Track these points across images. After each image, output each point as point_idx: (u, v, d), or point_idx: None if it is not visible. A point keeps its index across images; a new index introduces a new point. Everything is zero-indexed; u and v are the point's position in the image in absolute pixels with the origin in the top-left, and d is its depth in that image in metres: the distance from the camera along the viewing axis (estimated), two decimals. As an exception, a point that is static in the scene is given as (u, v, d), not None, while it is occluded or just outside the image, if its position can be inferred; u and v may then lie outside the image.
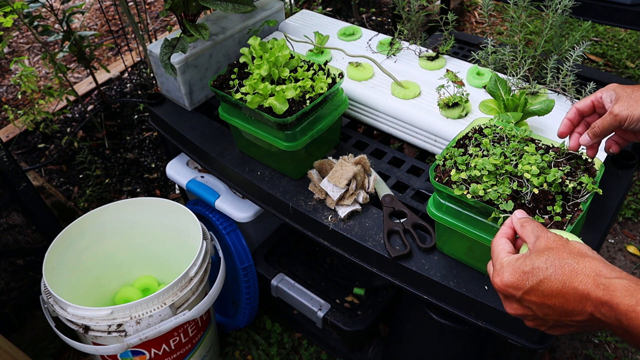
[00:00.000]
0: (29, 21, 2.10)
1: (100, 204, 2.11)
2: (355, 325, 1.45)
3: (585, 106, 0.89)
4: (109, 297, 1.60)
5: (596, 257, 0.62)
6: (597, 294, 0.59)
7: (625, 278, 0.58)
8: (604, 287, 0.58)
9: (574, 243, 0.65)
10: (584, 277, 0.60)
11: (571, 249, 0.64)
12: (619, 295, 0.57)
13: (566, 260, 0.62)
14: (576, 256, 0.62)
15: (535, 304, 0.64)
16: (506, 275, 0.66)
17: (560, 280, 0.61)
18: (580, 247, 0.64)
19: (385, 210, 1.11)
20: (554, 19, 1.17)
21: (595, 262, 0.61)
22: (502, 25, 3.23)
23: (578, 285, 0.60)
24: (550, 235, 0.67)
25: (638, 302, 0.55)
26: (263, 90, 1.08)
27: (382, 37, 1.48)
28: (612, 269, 0.60)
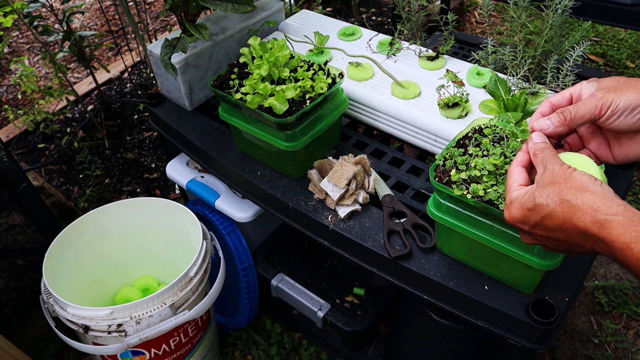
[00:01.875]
0: (29, 21, 2.10)
1: (100, 204, 2.12)
2: (355, 325, 1.45)
3: (563, 99, 0.77)
4: (109, 297, 1.60)
5: (596, 190, 0.62)
6: (594, 231, 0.59)
7: (621, 214, 0.58)
8: (600, 225, 0.59)
9: (576, 175, 0.64)
10: (582, 213, 0.61)
11: (572, 182, 0.63)
12: (614, 233, 0.58)
13: (566, 196, 0.63)
14: (576, 191, 0.62)
15: (542, 236, 0.67)
16: (513, 210, 0.69)
17: (561, 217, 0.63)
18: (581, 180, 0.63)
19: (385, 210, 1.11)
20: (554, 19, 1.17)
21: (593, 197, 0.61)
22: (502, 25, 3.23)
23: (577, 221, 0.61)
24: (556, 168, 0.66)
25: (632, 239, 0.56)
26: (263, 90, 1.08)
27: (382, 37, 1.48)
28: (610, 204, 0.60)
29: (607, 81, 0.73)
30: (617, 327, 1.80)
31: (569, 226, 0.62)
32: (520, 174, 0.73)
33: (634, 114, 0.70)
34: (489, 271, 0.98)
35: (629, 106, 0.69)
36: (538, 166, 0.70)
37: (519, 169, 0.73)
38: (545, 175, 0.67)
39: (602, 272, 1.96)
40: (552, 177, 0.66)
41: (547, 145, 0.72)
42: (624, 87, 0.70)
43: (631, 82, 0.70)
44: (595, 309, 1.86)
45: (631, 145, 0.75)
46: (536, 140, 0.73)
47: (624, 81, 0.71)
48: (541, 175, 0.68)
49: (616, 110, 0.70)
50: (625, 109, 0.70)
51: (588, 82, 0.75)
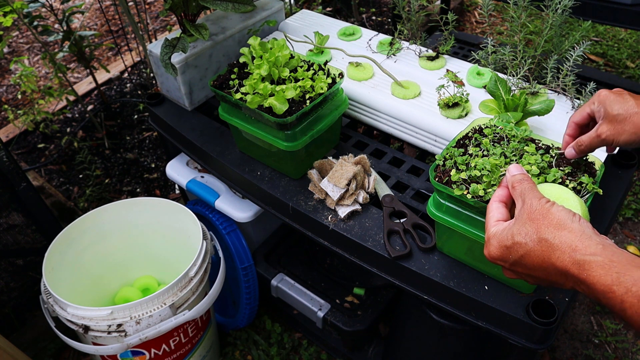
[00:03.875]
0: (29, 21, 2.10)
1: (100, 204, 2.11)
2: (355, 325, 1.45)
3: (583, 118, 0.86)
4: (109, 297, 1.60)
5: (574, 228, 0.61)
6: (573, 272, 0.59)
7: (599, 254, 0.58)
8: (579, 265, 0.58)
9: (554, 211, 0.64)
10: (560, 253, 0.60)
11: (550, 219, 0.63)
12: (594, 275, 0.57)
13: (544, 235, 0.62)
14: (554, 229, 0.62)
15: (523, 273, 0.67)
16: (492, 248, 0.69)
17: (539, 256, 0.62)
18: (559, 217, 0.63)
19: (385, 210, 1.11)
20: (554, 18, 1.17)
21: (571, 236, 0.60)
22: (502, 25, 3.23)
23: (555, 261, 0.61)
24: (534, 203, 0.66)
25: (613, 281, 0.56)
26: (263, 90, 1.08)
27: (382, 37, 1.48)
28: (588, 243, 0.59)
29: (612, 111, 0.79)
30: (617, 327, 1.80)
31: (547, 265, 0.62)
32: (497, 209, 0.72)
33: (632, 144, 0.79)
34: (489, 271, 0.98)
35: (626, 142, 0.79)
36: (517, 199, 0.69)
37: (496, 204, 0.73)
38: (523, 211, 0.66)
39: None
40: (530, 213, 0.65)
41: (525, 177, 0.72)
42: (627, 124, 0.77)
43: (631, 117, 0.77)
44: (596, 309, 1.86)
45: None
46: (514, 172, 0.73)
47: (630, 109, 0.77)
48: (520, 210, 0.67)
49: (618, 144, 0.80)
50: (625, 144, 0.79)
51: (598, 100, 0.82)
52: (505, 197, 0.74)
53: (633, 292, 0.54)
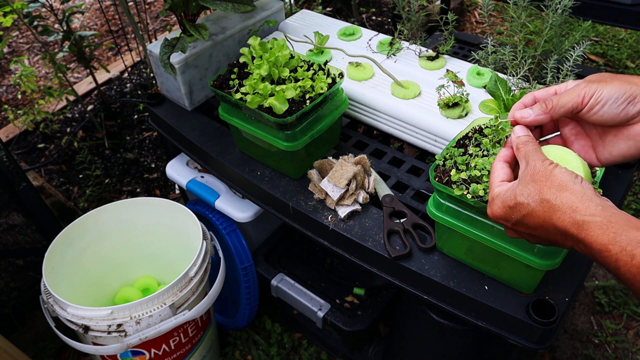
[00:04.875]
0: (29, 21, 2.10)
1: (100, 204, 2.11)
2: (355, 325, 1.45)
3: (548, 93, 0.76)
4: (108, 297, 1.60)
5: (575, 189, 0.61)
6: (573, 231, 0.60)
7: (599, 215, 0.58)
8: (578, 225, 0.59)
9: (557, 173, 0.64)
10: (561, 213, 0.61)
11: (553, 181, 0.63)
12: (592, 234, 0.58)
13: (546, 195, 0.63)
14: (556, 190, 0.62)
15: (524, 233, 0.68)
16: (495, 208, 0.69)
17: (541, 216, 0.63)
18: (562, 178, 0.63)
19: (385, 210, 1.11)
20: (554, 18, 1.17)
21: (572, 197, 0.61)
22: (502, 25, 3.23)
23: (556, 221, 0.61)
24: (538, 164, 0.66)
25: (609, 240, 0.56)
26: (263, 90, 1.08)
27: (382, 37, 1.48)
28: (589, 204, 0.60)
29: (593, 76, 0.72)
30: (617, 327, 1.80)
31: (549, 226, 0.63)
32: (502, 169, 0.73)
33: (618, 104, 0.68)
34: (489, 271, 0.98)
35: (612, 95, 0.68)
36: (520, 160, 0.70)
37: (501, 164, 0.74)
38: (527, 172, 0.67)
39: (602, 272, 1.96)
40: (534, 174, 0.65)
41: (530, 139, 0.71)
42: (608, 79, 0.70)
43: (616, 75, 0.70)
44: (596, 309, 1.86)
45: (615, 143, 0.73)
46: (519, 133, 0.73)
47: (608, 75, 0.71)
48: (523, 171, 0.68)
49: (599, 99, 0.69)
50: (608, 99, 0.68)
51: (573, 81, 0.74)
52: (510, 157, 0.74)
53: (627, 251, 0.55)
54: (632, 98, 0.68)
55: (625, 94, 0.68)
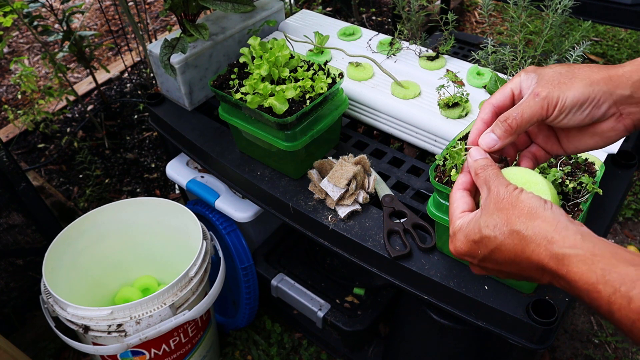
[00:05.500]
0: (29, 21, 2.10)
1: (100, 204, 2.12)
2: (355, 325, 1.45)
3: (505, 98, 0.68)
4: (108, 297, 1.60)
5: (547, 216, 0.55)
6: (551, 266, 0.53)
7: (579, 246, 0.51)
8: (558, 260, 0.52)
9: (524, 199, 0.57)
10: (535, 245, 0.54)
11: (521, 208, 0.56)
12: (575, 271, 0.51)
13: (515, 226, 0.56)
14: (526, 219, 0.55)
15: (494, 269, 0.61)
16: (458, 243, 0.62)
17: (512, 249, 0.56)
18: (530, 205, 0.56)
19: (385, 210, 1.11)
20: (554, 18, 1.17)
21: (545, 226, 0.54)
22: (502, 25, 3.23)
23: (530, 255, 0.55)
24: (501, 190, 0.59)
25: (598, 279, 0.49)
26: (263, 90, 1.08)
27: (382, 37, 1.48)
28: (566, 233, 0.53)
29: (548, 73, 0.64)
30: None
31: (521, 260, 0.56)
32: (462, 198, 0.65)
33: (582, 110, 0.62)
34: (489, 271, 0.98)
35: (576, 102, 0.62)
36: (481, 187, 0.62)
37: (460, 192, 0.66)
38: (490, 200, 0.59)
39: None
40: (498, 201, 0.58)
41: (488, 162, 0.64)
42: (567, 79, 0.62)
43: (574, 72, 0.63)
44: (595, 309, 1.86)
45: (581, 138, 0.68)
46: (475, 156, 0.65)
47: (565, 71, 0.63)
48: (485, 199, 0.60)
49: (564, 109, 0.62)
50: (573, 106, 0.62)
51: (526, 74, 0.66)
52: (469, 184, 0.66)
53: (622, 292, 0.48)
54: (596, 102, 0.62)
55: (589, 98, 0.62)
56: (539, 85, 0.63)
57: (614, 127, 0.64)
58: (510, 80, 0.67)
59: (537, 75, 0.64)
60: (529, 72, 0.66)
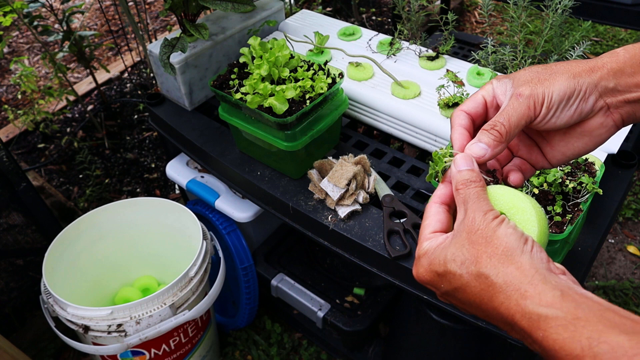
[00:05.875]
0: (29, 21, 2.10)
1: (100, 204, 2.11)
2: (355, 325, 1.45)
3: (478, 105, 0.61)
4: (108, 297, 1.60)
5: (523, 263, 0.46)
6: (522, 325, 0.45)
7: (558, 306, 0.43)
8: (531, 320, 0.44)
9: (501, 236, 0.48)
10: (505, 297, 0.46)
11: (495, 246, 0.48)
12: (555, 338, 0.42)
13: (484, 268, 0.47)
14: (498, 261, 0.47)
15: (459, 306, 0.54)
16: (421, 270, 0.54)
17: (477, 294, 0.48)
18: (506, 245, 0.48)
19: (385, 210, 1.11)
20: (554, 18, 1.17)
21: (519, 275, 0.46)
22: (502, 25, 3.23)
23: (499, 307, 0.46)
24: (478, 218, 0.50)
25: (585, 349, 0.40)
26: (263, 90, 1.08)
27: (382, 37, 1.48)
28: (543, 288, 0.44)
29: (523, 75, 0.59)
30: (617, 327, 1.80)
31: (488, 309, 0.48)
32: (436, 215, 0.57)
33: (570, 105, 0.57)
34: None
35: (563, 96, 0.56)
36: (459, 206, 0.54)
37: (435, 207, 0.58)
38: (463, 226, 0.51)
39: (602, 272, 1.96)
40: (471, 232, 0.50)
41: (473, 177, 0.54)
42: (547, 76, 0.57)
43: (552, 69, 0.58)
44: (595, 309, 1.86)
45: (568, 142, 0.61)
46: (461, 166, 0.56)
47: (542, 70, 0.58)
48: (460, 224, 0.52)
49: (551, 105, 0.56)
50: (560, 101, 0.56)
51: (498, 80, 0.61)
52: (448, 197, 0.58)
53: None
54: (582, 94, 0.57)
55: (575, 90, 0.56)
56: (518, 86, 0.57)
57: (603, 123, 0.59)
58: (482, 88, 0.61)
59: (511, 79, 0.59)
60: (501, 79, 0.60)
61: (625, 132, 1.12)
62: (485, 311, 0.49)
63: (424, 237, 0.56)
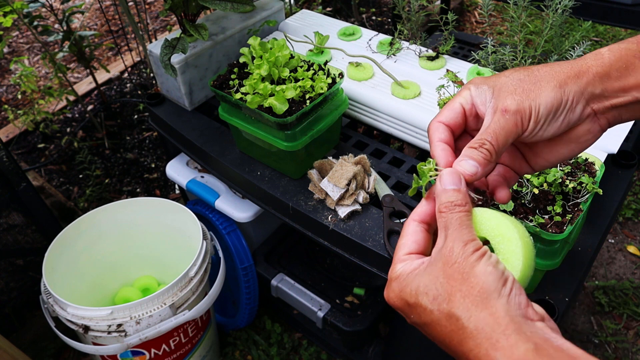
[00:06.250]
0: (29, 21, 2.10)
1: (100, 204, 2.11)
2: (355, 325, 1.45)
3: (456, 115, 0.56)
4: (108, 297, 1.60)
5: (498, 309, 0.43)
6: None
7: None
8: None
9: (479, 274, 0.45)
10: (474, 344, 0.43)
11: (471, 286, 0.44)
12: None
13: (456, 309, 0.44)
14: (472, 304, 0.44)
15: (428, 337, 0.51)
16: (392, 294, 0.51)
17: (447, 334, 0.45)
18: (483, 285, 0.44)
19: (385, 210, 1.11)
20: (554, 18, 1.17)
21: (492, 322, 0.42)
22: (502, 25, 3.23)
23: (467, 353, 0.44)
24: (457, 248, 0.46)
25: None
26: (263, 90, 1.08)
27: (382, 37, 1.48)
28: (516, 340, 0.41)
29: (505, 82, 0.55)
30: (617, 327, 1.80)
31: (457, 351, 0.45)
32: (413, 234, 0.53)
33: (557, 117, 0.54)
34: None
35: (550, 109, 0.53)
36: (440, 230, 0.50)
37: (413, 226, 0.54)
38: (440, 256, 0.47)
39: (602, 272, 1.96)
40: (448, 264, 0.46)
41: (459, 199, 0.50)
42: (531, 85, 0.53)
43: (535, 75, 0.54)
44: (596, 309, 1.86)
45: (553, 149, 0.58)
46: (447, 185, 0.51)
47: (525, 76, 0.54)
48: (437, 251, 0.48)
49: (539, 119, 0.53)
50: (547, 114, 0.53)
51: (476, 86, 0.56)
52: (429, 215, 0.54)
53: None
54: (570, 105, 0.54)
55: (562, 101, 0.53)
56: (501, 97, 0.53)
57: (590, 130, 0.56)
58: (458, 94, 0.57)
59: (490, 87, 0.55)
60: (479, 85, 0.56)
61: (626, 132, 1.12)
62: (454, 353, 0.46)
63: (398, 259, 0.52)
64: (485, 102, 0.55)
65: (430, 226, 0.54)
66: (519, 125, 0.52)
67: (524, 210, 0.86)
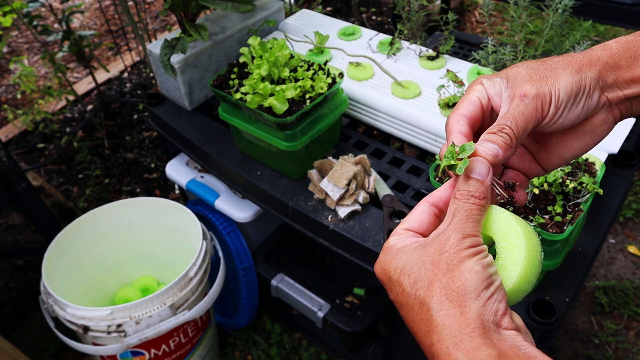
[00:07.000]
0: (29, 21, 2.10)
1: (100, 204, 2.11)
2: (355, 325, 1.45)
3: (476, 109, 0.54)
4: (108, 297, 1.60)
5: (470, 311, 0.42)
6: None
7: None
8: None
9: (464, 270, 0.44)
10: (438, 339, 0.42)
11: (452, 280, 0.43)
12: None
13: (430, 299, 0.44)
14: (447, 298, 0.43)
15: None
16: (378, 265, 0.50)
17: (417, 322, 0.45)
18: (464, 283, 0.43)
19: (385, 210, 1.11)
20: (554, 18, 1.17)
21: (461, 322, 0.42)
22: (502, 25, 3.23)
23: (430, 344, 0.43)
24: (452, 238, 0.46)
25: None
26: (263, 90, 1.08)
27: (382, 37, 1.48)
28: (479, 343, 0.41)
29: (520, 72, 0.53)
30: (617, 328, 1.80)
31: (422, 340, 0.45)
32: (419, 214, 0.52)
33: (577, 103, 0.52)
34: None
35: (570, 93, 0.51)
36: (447, 216, 0.49)
37: (423, 206, 0.53)
38: (435, 241, 0.47)
39: (602, 272, 1.96)
40: (438, 252, 0.45)
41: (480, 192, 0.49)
42: (548, 72, 0.52)
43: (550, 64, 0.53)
44: (596, 309, 1.86)
45: (567, 143, 0.56)
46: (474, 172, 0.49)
47: (539, 65, 0.53)
48: (435, 235, 0.47)
49: (559, 104, 0.51)
50: (568, 99, 0.51)
51: (489, 80, 0.55)
52: (443, 201, 0.52)
53: None
54: (588, 90, 0.52)
55: (581, 86, 0.51)
56: (517, 85, 0.52)
57: (605, 120, 0.55)
58: (471, 89, 0.55)
59: (504, 77, 0.54)
60: (491, 78, 0.54)
61: (626, 131, 1.12)
62: (420, 343, 0.45)
63: (396, 231, 0.52)
64: (500, 93, 0.53)
65: (442, 212, 0.52)
66: (539, 110, 0.51)
67: (524, 210, 0.86)
